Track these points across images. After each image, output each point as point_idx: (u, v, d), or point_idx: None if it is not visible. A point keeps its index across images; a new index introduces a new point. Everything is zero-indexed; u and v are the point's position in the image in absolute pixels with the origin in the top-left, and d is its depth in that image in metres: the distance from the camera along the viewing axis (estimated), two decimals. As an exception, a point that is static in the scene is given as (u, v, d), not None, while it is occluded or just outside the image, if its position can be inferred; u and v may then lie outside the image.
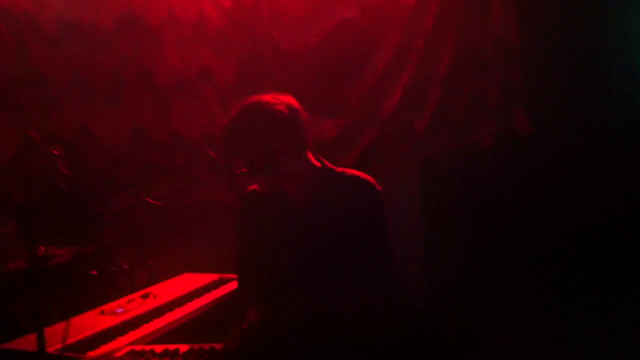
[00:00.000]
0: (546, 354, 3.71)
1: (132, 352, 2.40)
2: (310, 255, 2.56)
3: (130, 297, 3.31)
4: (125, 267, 3.73)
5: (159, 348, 2.40)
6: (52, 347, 2.48)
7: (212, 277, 3.76)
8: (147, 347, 2.44)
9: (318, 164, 2.65)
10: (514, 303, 4.10)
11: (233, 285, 3.34)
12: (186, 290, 3.46)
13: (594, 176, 4.14)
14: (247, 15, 4.22)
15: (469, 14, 4.13)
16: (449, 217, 4.50)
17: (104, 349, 2.62)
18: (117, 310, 3.03)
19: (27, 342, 2.63)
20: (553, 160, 4.27)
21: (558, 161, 4.26)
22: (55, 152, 3.76)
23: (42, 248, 2.97)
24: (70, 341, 2.59)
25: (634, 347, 3.61)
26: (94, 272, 3.58)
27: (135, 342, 2.69)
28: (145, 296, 3.28)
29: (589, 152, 4.17)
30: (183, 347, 2.39)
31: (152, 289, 3.47)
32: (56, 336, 2.49)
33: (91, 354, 2.54)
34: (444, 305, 4.02)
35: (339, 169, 2.68)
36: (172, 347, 2.40)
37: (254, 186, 2.76)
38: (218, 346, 2.35)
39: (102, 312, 3.04)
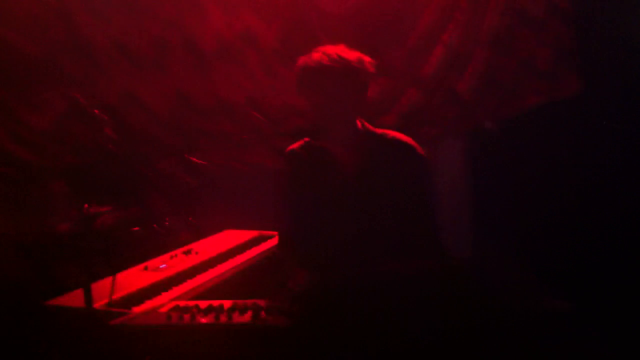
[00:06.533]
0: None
1: (177, 307, 2.42)
2: (354, 216, 2.55)
3: (173, 253, 3.35)
4: (167, 223, 3.78)
5: (203, 304, 2.42)
6: (98, 303, 2.55)
7: (253, 233, 3.79)
8: (192, 303, 2.46)
9: (360, 126, 2.63)
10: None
11: (273, 241, 3.36)
12: (228, 246, 3.49)
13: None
14: (290, -22, 4.19)
15: (518, -30, 3.98)
16: (497, 182, 4.39)
17: (149, 304, 2.66)
18: (161, 267, 3.07)
19: (74, 298, 2.69)
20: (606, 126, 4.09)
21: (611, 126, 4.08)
22: (101, 115, 3.80)
23: (88, 207, 3.00)
24: (116, 297, 2.65)
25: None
26: (135, 228, 3.64)
27: (179, 298, 2.73)
28: (187, 252, 3.32)
29: None
30: (227, 303, 2.40)
31: (195, 246, 3.50)
32: (102, 292, 2.55)
33: (136, 309, 2.57)
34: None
35: (380, 131, 2.66)
36: (216, 302, 2.42)
37: (294, 146, 2.75)
38: (261, 302, 2.36)
39: (146, 268, 3.08)
